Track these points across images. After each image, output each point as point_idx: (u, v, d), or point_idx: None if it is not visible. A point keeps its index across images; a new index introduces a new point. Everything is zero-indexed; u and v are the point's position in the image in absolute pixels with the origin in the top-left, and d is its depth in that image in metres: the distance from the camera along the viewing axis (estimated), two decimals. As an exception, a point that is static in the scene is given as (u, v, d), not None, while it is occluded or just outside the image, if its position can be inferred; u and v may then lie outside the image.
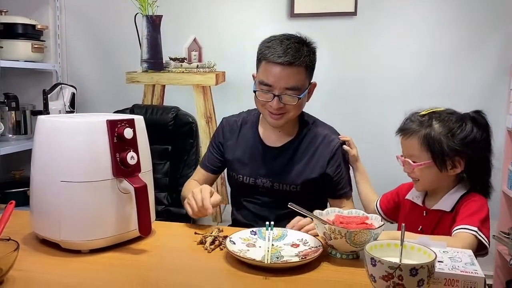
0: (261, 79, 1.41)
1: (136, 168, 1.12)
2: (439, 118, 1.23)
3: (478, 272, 0.90)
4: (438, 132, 1.21)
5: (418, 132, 1.23)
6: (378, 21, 2.36)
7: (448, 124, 1.22)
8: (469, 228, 1.13)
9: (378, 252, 0.86)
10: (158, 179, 2.29)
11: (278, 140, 1.52)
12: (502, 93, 2.27)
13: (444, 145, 1.19)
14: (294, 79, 1.38)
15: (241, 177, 1.55)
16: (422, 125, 1.23)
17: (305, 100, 1.47)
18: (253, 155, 1.55)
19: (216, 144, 1.63)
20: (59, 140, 1.07)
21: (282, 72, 1.37)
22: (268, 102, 1.41)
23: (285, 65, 1.36)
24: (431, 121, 1.23)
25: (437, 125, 1.22)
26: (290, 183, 1.49)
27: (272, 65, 1.37)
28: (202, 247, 1.14)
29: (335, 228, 1.03)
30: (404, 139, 1.26)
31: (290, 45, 1.38)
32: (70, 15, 2.73)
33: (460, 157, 1.21)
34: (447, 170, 1.22)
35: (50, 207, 1.08)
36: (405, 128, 1.27)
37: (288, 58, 1.36)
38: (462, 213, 1.19)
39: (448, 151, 1.19)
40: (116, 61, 2.68)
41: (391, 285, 0.79)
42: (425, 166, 1.22)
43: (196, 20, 2.56)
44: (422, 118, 1.25)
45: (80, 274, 1.00)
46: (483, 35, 2.28)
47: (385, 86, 2.38)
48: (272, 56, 1.37)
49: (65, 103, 2.53)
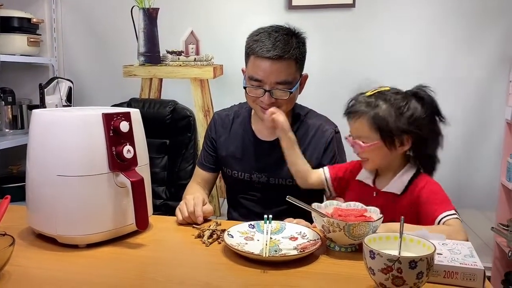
0: (250, 74, 1.38)
1: (132, 161, 1.11)
2: (385, 98, 1.24)
3: (477, 264, 0.90)
4: (385, 112, 1.21)
5: (367, 114, 1.22)
6: (376, 13, 2.35)
7: (394, 104, 1.22)
8: (451, 214, 1.15)
9: (377, 244, 0.85)
10: (156, 173, 2.28)
11: (270, 134, 1.49)
12: (501, 85, 2.26)
13: (391, 125, 1.20)
14: (285, 73, 1.35)
15: (236, 173, 1.53)
16: (370, 106, 1.23)
17: (297, 93, 1.45)
18: (246, 150, 1.52)
19: (209, 140, 1.60)
20: (54, 134, 1.06)
21: (272, 67, 1.34)
22: (259, 98, 1.38)
23: (275, 59, 1.33)
24: (378, 101, 1.23)
25: (384, 106, 1.22)
26: (286, 177, 1.46)
27: (261, 60, 1.34)
28: (200, 241, 1.13)
29: (333, 221, 1.03)
30: (353, 121, 1.26)
31: (279, 38, 1.35)
32: (66, 9, 2.71)
33: (407, 134, 1.22)
34: (395, 149, 1.23)
35: (46, 202, 1.07)
36: (352, 110, 1.27)
37: (277, 52, 1.32)
38: (432, 200, 1.19)
39: (396, 130, 1.20)
40: (113, 55, 2.66)
41: (390, 278, 0.78)
42: (374, 146, 1.22)
43: (193, 12, 2.54)
44: (368, 99, 1.25)
45: (76, 268, 0.99)
46: (482, 27, 2.26)
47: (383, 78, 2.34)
48: (260, 50, 1.34)
49: (61, 97, 2.52)
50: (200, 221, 1.25)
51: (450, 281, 0.89)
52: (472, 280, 0.88)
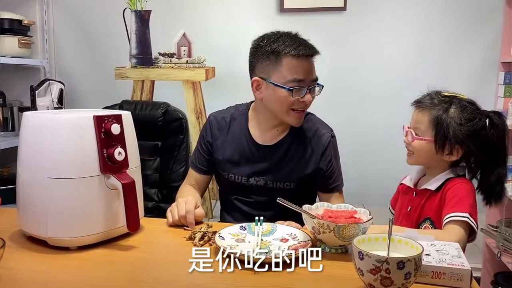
0: (290, 77, 1.36)
1: (123, 164, 1.11)
2: (459, 104, 1.25)
3: (464, 264, 0.91)
4: (451, 116, 1.23)
5: (433, 110, 1.25)
6: (367, 16, 2.37)
7: (464, 113, 1.24)
8: (461, 215, 1.15)
9: (366, 246, 0.86)
10: (148, 175, 2.28)
11: (271, 138, 1.49)
12: (490, 87, 2.29)
13: (450, 130, 1.22)
14: (314, 70, 1.41)
15: (233, 176, 1.52)
16: (440, 104, 1.26)
17: None
18: (244, 154, 1.51)
19: (204, 143, 1.57)
20: (45, 136, 1.06)
21: (310, 64, 1.39)
22: (300, 99, 1.38)
23: (309, 57, 1.38)
24: (450, 104, 1.25)
25: (453, 110, 1.24)
26: (284, 181, 1.47)
27: (300, 59, 1.36)
28: (191, 243, 1.14)
29: (323, 222, 1.03)
30: (417, 111, 1.29)
31: (299, 37, 1.40)
32: (57, 10, 2.70)
33: (460, 145, 1.23)
34: (443, 154, 1.24)
35: (37, 204, 1.07)
36: (422, 101, 1.30)
37: (312, 49, 1.38)
38: (451, 198, 1.21)
39: (452, 136, 1.22)
40: (105, 57, 2.66)
41: (378, 279, 0.79)
42: (424, 142, 1.25)
43: (186, 15, 2.55)
44: (443, 98, 1.27)
45: (68, 271, 0.99)
46: (471, 31, 2.29)
47: (374, 80, 2.39)
48: (294, 51, 1.35)
49: (53, 99, 2.51)
50: (192, 228, 1.24)
51: (438, 282, 0.91)
52: (459, 280, 0.90)
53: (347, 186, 1.57)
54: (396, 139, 2.01)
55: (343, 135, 1.67)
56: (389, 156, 1.49)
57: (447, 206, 1.20)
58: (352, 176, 1.64)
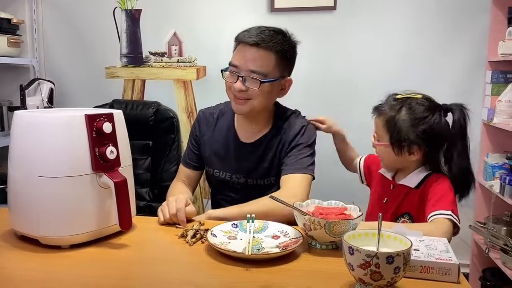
0: (231, 60, 1.41)
1: (115, 162, 1.12)
2: (409, 105, 1.28)
3: (452, 259, 0.93)
4: (402, 119, 1.26)
5: (386, 114, 1.29)
6: (357, 16, 2.39)
7: (414, 113, 1.26)
8: (445, 213, 1.18)
9: (356, 241, 0.88)
10: (140, 174, 2.28)
11: (251, 136, 1.51)
12: (478, 86, 2.32)
13: (402, 133, 1.25)
14: (261, 63, 1.37)
15: (218, 172, 1.55)
16: (392, 109, 1.29)
17: (273, 92, 1.44)
18: (229, 150, 1.53)
19: (194, 138, 1.60)
20: (37, 135, 1.06)
21: (249, 53, 1.37)
22: (233, 84, 1.40)
23: (253, 46, 1.36)
24: (401, 106, 1.28)
25: (404, 112, 1.27)
26: (264, 177, 1.49)
27: (243, 46, 1.38)
28: (183, 241, 1.14)
29: (314, 219, 1.05)
30: (375, 117, 1.34)
31: (265, 30, 1.38)
32: (47, 9, 2.68)
33: (418, 146, 1.26)
34: (403, 155, 1.28)
35: (29, 203, 1.07)
36: (377, 107, 1.34)
37: (257, 39, 1.36)
38: (432, 197, 1.24)
39: (406, 139, 1.25)
40: (95, 56, 2.65)
41: (368, 273, 0.80)
42: (383, 146, 1.30)
43: (176, 14, 2.55)
44: (394, 102, 1.30)
45: (60, 269, 0.99)
46: (458, 30, 2.33)
47: (363, 79, 2.41)
48: (243, 37, 1.38)
49: (43, 98, 2.49)
50: (183, 226, 1.24)
51: (426, 276, 0.92)
52: (447, 274, 0.92)
53: (337, 184, 1.59)
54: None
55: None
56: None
57: (429, 204, 1.23)
58: (342, 174, 1.66)
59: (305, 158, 1.44)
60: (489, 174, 2.21)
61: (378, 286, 0.82)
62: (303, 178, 1.40)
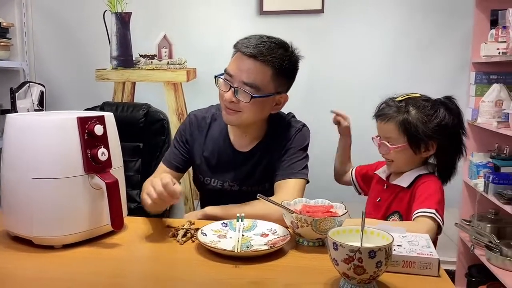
0: (227, 68, 1.35)
1: (107, 164, 1.14)
2: (415, 104, 1.32)
3: (433, 254, 0.97)
4: (415, 118, 1.30)
5: (396, 117, 1.31)
6: (344, 18, 2.44)
7: (424, 111, 1.31)
8: (428, 211, 1.22)
9: (341, 237, 0.91)
10: (130, 176, 2.30)
11: (247, 144, 1.46)
12: (462, 87, 2.37)
13: (419, 130, 1.29)
14: (255, 76, 1.30)
15: (208, 179, 1.50)
16: (400, 111, 1.32)
17: (266, 107, 1.38)
18: (222, 158, 1.47)
19: (182, 140, 1.51)
20: (29, 138, 1.08)
21: (244, 64, 1.30)
22: (224, 93, 1.34)
23: (249, 57, 1.29)
24: (408, 107, 1.32)
25: (413, 111, 1.31)
26: (259, 184, 1.45)
27: (239, 55, 1.32)
28: (174, 240, 1.17)
29: (301, 217, 1.08)
30: (382, 123, 1.35)
31: (265, 42, 1.31)
32: (37, 12, 2.69)
33: (433, 141, 1.31)
34: (420, 153, 1.32)
35: (22, 204, 1.09)
36: (383, 113, 1.35)
37: (253, 51, 1.29)
38: (420, 195, 1.28)
39: (423, 136, 1.29)
40: (86, 59, 2.67)
41: (352, 267, 0.84)
42: (401, 148, 1.32)
43: (166, 17, 2.58)
44: (399, 104, 1.33)
45: (53, 269, 1.01)
46: (443, 32, 2.38)
47: (351, 80, 2.46)
48: (242, 46, 1.31)
49: (33, 101, 2.50)
50: (178, 198, 1.15)
51: (408, 270, 0.96)
52: (428, 268, 0.96)
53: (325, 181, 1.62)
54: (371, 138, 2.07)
55: (320, 134, 1.73)
56: (365, 154, 1.55)
57: (416, 202, 1.27)
58: (330, 173, 1.69)
59: (298, 162, 1.42)
60: (474, 173, 2.26)
61: (361, 280, 0.85)
62: (296, 183, 1.38)
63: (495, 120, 2.08)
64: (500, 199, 1.99)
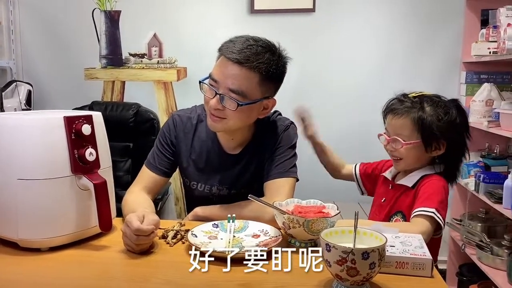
0: (211, 72, 1.29)
1: (95, 164, 1.12)
2: (430, 102, 1.31)
3: (426, 254, 0.96)
4: (430, 114, 1.29)
5: (411, 113, 1.30)
6: (335, 17, 2.44)
7: (438, 109, 1.30)
8: (427, 210, 1.20)
9: (333, 238, 0.90)
10: (120, 176, 2.27)
11: (236, 146, 1.41)
12: (453, 86, 2.39)
13: (434, 127, 1.28)
14: (241, 82, 1.24)
15: (195, 184, 1.44)
16: (414, 107, 1.30)
17: (253, 113, 1.32)
18: (210, 162, 1.42)
19: (166, 143, 1.44)
20: (15, 138, 1.05)
21: (230, 69, 1.24)
22: (210, 100, 1.27)
23: (235, 63, 1.23)
24: (423, 104, 1.30)
25: (428, 108, 1.30)
26: (248, 186, 1.41)
27: (225, 61, 1.25)
28: (164, 242, 1.15)
29: (293, 217, 1.07)
30: (395, 118, 1.32)
31: (252, 46, 1.25)
32: (24, 10, 2.65)
33: (444, 139, 1.30)
34: (431, 151, 1.31)
35: (7, 206, 1.06)
36: (396, 108, 1.33)
37: (241, 57, 1.22)
38: (422, 194, 1.27)
39: (438, 133, 1.28)
40: (74, 57, 2.63)
41: (345, 269, 0.83)
42: (413, 145, 1.30)
43: (156, 15, 2.55)
44: (414, 100, 1.32)
45: (40, 272, 0.99)
46: (434, 32, 2.39)
47: (342, 80, 2.46)
48: (227, 51, 1.25)
49: (20, 100, 2.46)
50: (154, 233, 1.08)
51: (401, 271, 0.95)
52: (421, 269, 0.95)
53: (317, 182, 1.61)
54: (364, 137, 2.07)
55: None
56: (358, 154, 1.54)
57: (417, 201, 1.26)
58: (322, 173, 1.68)
59: (286, 160, 1.39)
60: (465, 172, 2.27)
61: (354, 281, 0.84)
62: (286, 182, 1.36)
63: (486, 120, 2.09)
64: (490, 198, 2.00)
